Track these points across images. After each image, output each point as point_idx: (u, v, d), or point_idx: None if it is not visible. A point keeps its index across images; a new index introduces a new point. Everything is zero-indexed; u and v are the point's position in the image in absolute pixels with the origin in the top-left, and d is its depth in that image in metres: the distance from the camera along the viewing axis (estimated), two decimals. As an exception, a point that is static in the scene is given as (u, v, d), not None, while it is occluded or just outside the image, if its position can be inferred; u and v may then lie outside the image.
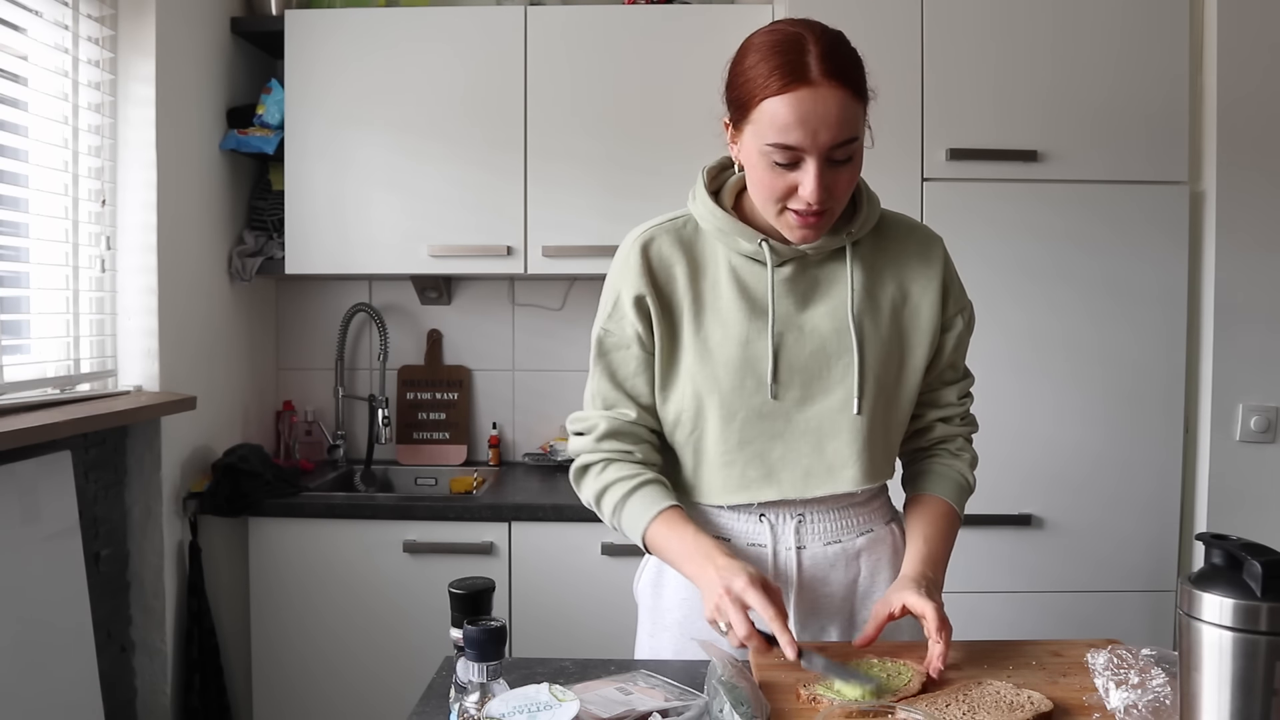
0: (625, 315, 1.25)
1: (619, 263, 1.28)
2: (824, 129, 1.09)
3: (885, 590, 1.26)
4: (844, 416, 1.23)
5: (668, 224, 1.28)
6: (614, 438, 1.26)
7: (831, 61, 1.09)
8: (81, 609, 1.90)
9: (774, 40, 1.12)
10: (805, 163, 1.11)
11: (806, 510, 1.27)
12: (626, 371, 1.27)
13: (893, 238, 1.29)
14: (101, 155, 2.17)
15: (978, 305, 1.25)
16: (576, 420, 1.31)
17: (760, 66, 1.11)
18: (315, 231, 2.51)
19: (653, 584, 1.35)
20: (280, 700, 2.34)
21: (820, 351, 1.23)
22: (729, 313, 1.23)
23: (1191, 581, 0.87)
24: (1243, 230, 2.18)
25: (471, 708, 0.85)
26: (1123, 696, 0.97)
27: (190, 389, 2.30)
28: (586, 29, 2.47)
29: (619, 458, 1.26)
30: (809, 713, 1.00)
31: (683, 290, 1.24)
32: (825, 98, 1.08)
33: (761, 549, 1.26)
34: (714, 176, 1.28)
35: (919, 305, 1.27)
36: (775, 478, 1.24)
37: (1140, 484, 2.23)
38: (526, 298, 2.86)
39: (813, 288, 1.24)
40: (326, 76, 2.49)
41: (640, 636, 1.37)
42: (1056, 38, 2.21)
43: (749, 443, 1.23)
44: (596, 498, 1.27)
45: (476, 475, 2.63)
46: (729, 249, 1.25)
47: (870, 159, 1.20)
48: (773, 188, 1.14)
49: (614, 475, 1.25)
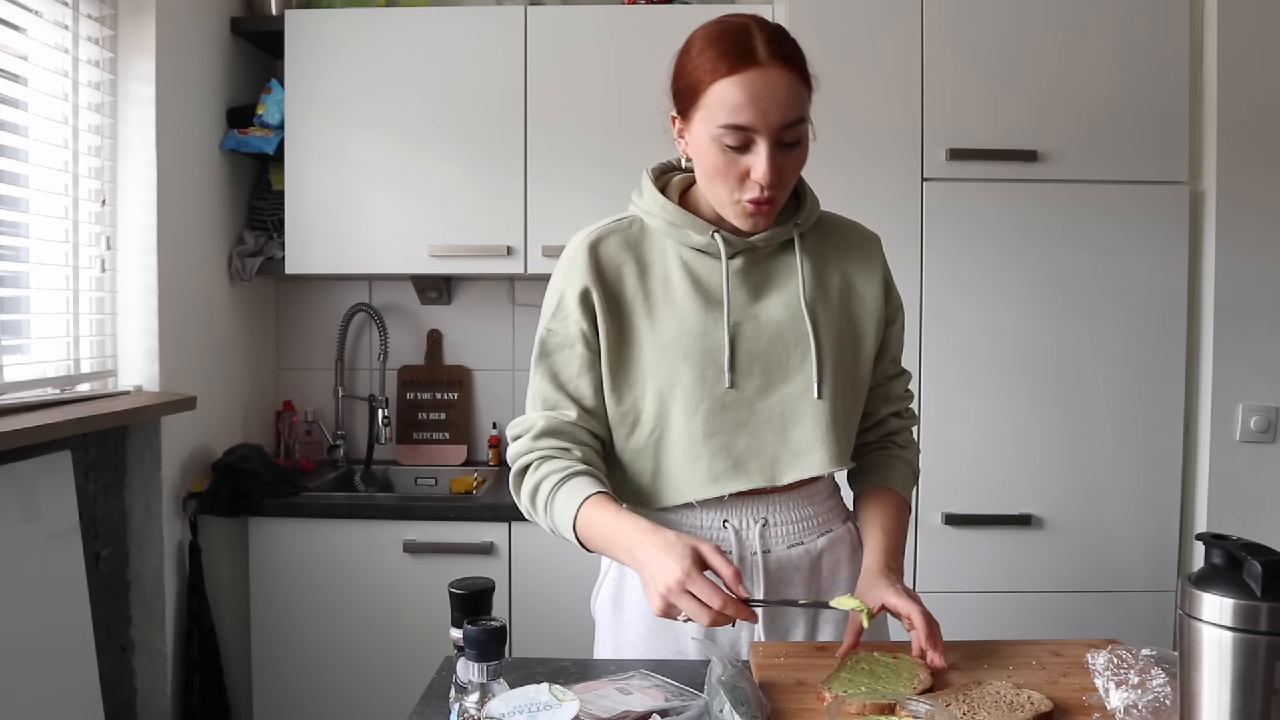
0: (569, 313, 1.24)
1: (564, 263, 1.27)
2: (774, 109, 1.11)
3: (846, 589, 1.28)
4: (805, 402, 1.23)
5: (613, 225, 1.29)
6: (551, 435, 1.22)
7: (778, 44, 1.13)
8: (81, 609, 1.90)
9: (719, 29, 1.15)
10: (756, 144, 1.13)
11: (770, 513, 1.26)
12: (569, 372, 1.25)
13: (834, 233, 1.32)
14: (101, 155, 2.17)
15: (977, 304, 1.26)
16: (515, 425, 1.26)
17: (708, 53, 1.13)
18: (315, 231, 2.52)
19: (612, 599, 1.32)
20: (280, 700, 2.34)
21: (778, 339, 1.24)
22: (683, 306, 1.23)
23: (1191, 581, 0.87)
24: (1243, 230, 2.19)
25: (471, 708, 0.85)
26: (1123, 696, 0.97)
27: (190, 389, 2.30)
28: (586, 29, 2.47)
29: (555, 454, 1.21)
30: (810, 713, 1.00)
31: (633, 289, 1.24)
32: (774, 78, 1.11)
33: (727, 555, 1.25)
34: (658, 177, 1.30)
35: (864, 296, 1.30)
36: (743, 467, 1.23)
37: (1140, 484, 2.23)
38: (526, 298, 2.86)
39: (764, 279, 1.26)
40: (327, 76, 2.49)
41: (600, 652, 1.33)
42: (1056, 38, 2.21)
43: (714, 434, 1.23)
44: (531, 496, 1.21)
45: (476, 475, 2.64)
46: (679, 243, 1.26)
47: (870, 159, 1.21)
48: (725, 173, 1.16)
49: (545, 470, 1.20)
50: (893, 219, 2.18)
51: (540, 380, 1.26)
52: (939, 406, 2.21)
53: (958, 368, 2.22)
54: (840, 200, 1.38)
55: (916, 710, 0.91)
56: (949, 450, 2.20)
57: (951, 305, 2.22)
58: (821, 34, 2.20)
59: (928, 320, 2.22)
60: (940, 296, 2.22)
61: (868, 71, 2.21)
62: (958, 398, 2.22)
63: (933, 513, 2.22)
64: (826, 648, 1.18)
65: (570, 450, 1.22)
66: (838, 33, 2.21)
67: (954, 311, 2.22)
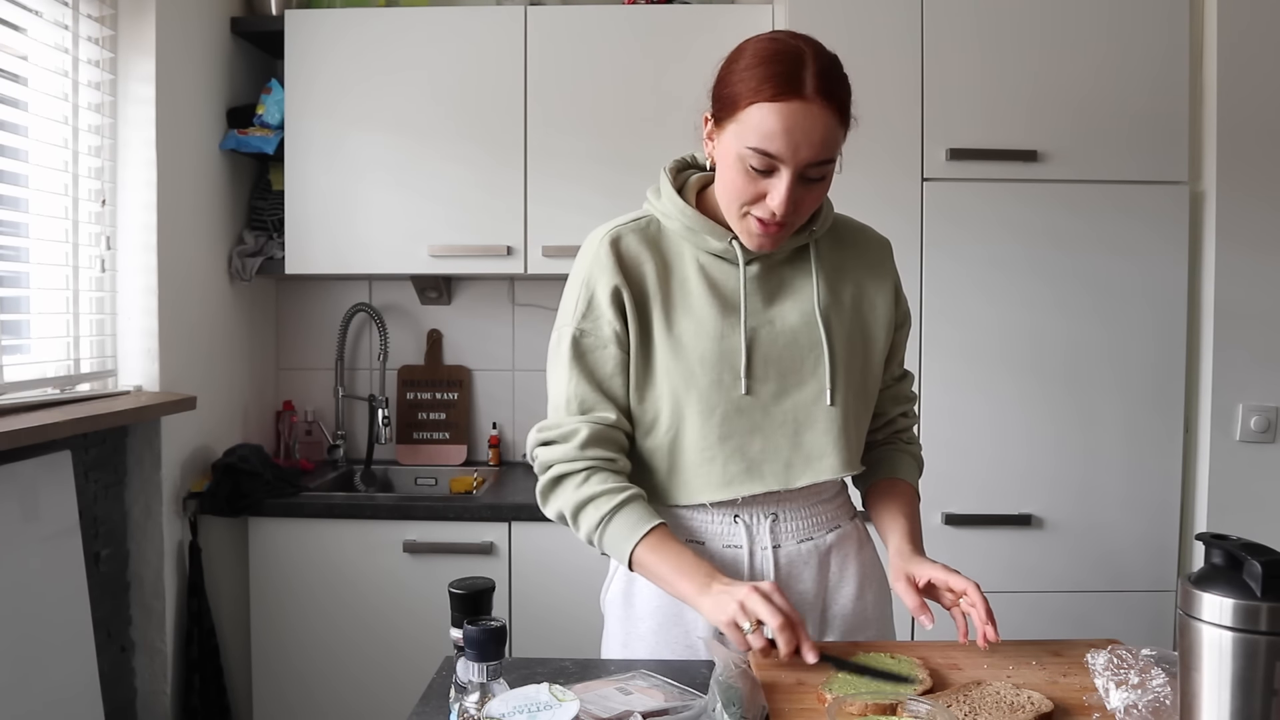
0: (602, 313, 1.23)
1: (588, 260, 1.26)
2: (806, 145, 1.11)
3: (855, 585, 1.29)
4: (819, 408, 1.24)
5: (631, 223, 1.28)
6: (597, 444, 1.22)
7: (827, 81, 1.11)
8: (81, 609, 1.90)
9: (774, 49, 1.13)
10: (779, 173, 1.13)
11: (780, 509, 1.27)
12: (605, 372, 1.24)
13: (848, 239, 1.33)
14: (101, 155, 2.17)
15: (978, 304, 1.26)
16: (547, 429, 1.25)
17: (756, 70, 1.11)
18: (315, 231, 2.52)
19: (623, 594, 1.32)
20: (280, 700, 2.34)
21: (793, 345, 1.24)
22: (701, 309, 1.23)
23: (1191, 581, 0.87)
24: (1243, 230, 2.18)
25: (471, 708, 0.85)
26: (1123, 696, 0.97)
27: (190, 389, 2.30)
28: (586, 29, 2.47)
29: (603, 466, 1.22)
30: (810, 713, 1.00)
31: (653, 287, 1.24)
32: (814, 115, 1.10)
33: (738, 550, 1.26)
34: (674, 175, 1.29)
35: (875, 301, 1.31)
36: (757, 471, 1.24)
37: (1140, 484, 2.23)
38: (526, 298, 2.86)
39: (779, 285, 1.27)
40: (326, 76, 2.49)
41: (610, 647, 1.34)
42: (1056, 38, 2.20)
43: (728, 438, 1.23)
44: (575, 510, 1.22)
45: (476, 475, 2.64)
46: (696, 247, 1.26)
47: (870, 159, 1.21)
48: (742, 191, 1.16)
49: (597, 488, 1.20)
50: (893, 219, 2.17)
51: (575, 382, 1.24)
52: (939, 406, 2.21)
53: (958, 368, 2.22)
54: (840, 200, 1.37)
55: (917, 710, 0.91)
56: (949, 450, 2.19)
57: (951, 305, 2.22)
58: (821, 34, 2.18)
59: (928, 320, 2.22)
60: (940, 297, 2.22)
61: (868, 71, 2.19)
62: (958, 398, 2.22)
63: (933, 512, 2.22)
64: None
65: (615, 461, 1.23)
66: (838, 32, 2.18)
67: (954, 312, 2.22)
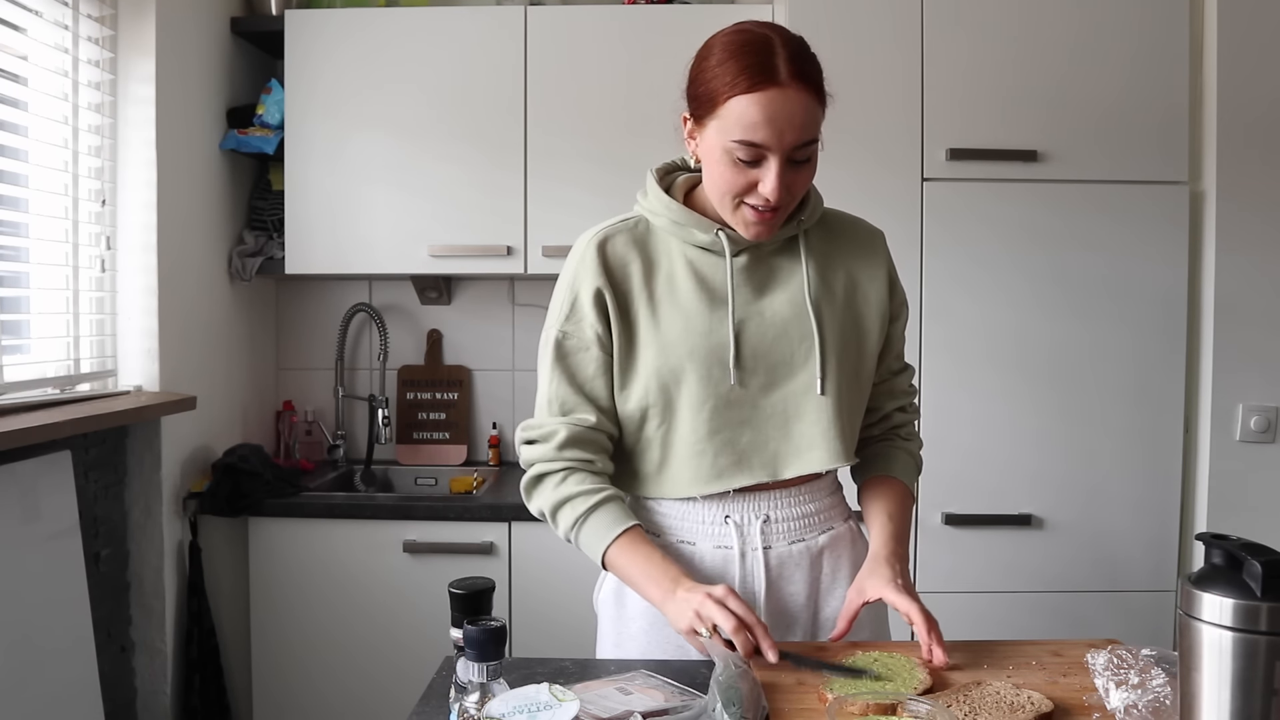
0: (584, 315, 1.25)
1: (573, 263, 1.28)
2: (789, 129, 1.12)
3: (847, 587, 1.28)
4: (809, 399, 1.24)
5: (620, 225, 1.30)
6: (575, 445, 1.24)
7: (799, 63, 1.12)
8: (81, 609, 1.90)
9: (742, 40, 1.14)
10: (768, 161, 1.14)
11: (771, 510, 1.27)
12: (586, 374, 1.26)
13: (838, 230, 1.33)
14: (101, 155, 2.17)
15: (977, 304, 1.26)
16: (530, 428, 1.28)
17: (729, 64, 1.13)
18: (315, 231, 2.51)
19: (615, 594, 1.33)
20: (280, 700, 2.34)
21: (783, 336, 1.24)
22: (689, 304, 1.24)
23: (1191, 581, 0.87)
24: (1243, 230, 2.18)
25: (471, 708, 0.85)
26: (1123, 696, 0.97)
27: (190, 389, 2.30)
28: (586, 29, 2.47)
29: (580, 467, 1.24)
30: (810, 713, 1.00)
31: (638, 287, 1.25)
32: (792, 99, 1.11)
33: (728, 550, 1.26)
34: (662, 177, 1.31)
35: (868, 293, 1.30)
36: (746, 463, 1.25)
37: (1141, 484, 2.23)
38: (526, 298, 2.86)
39: (769, 276, 1.27)
40: (326, 76, 2.49)
41: (603, 647, 1.35)
42: (1056, 38, 2.20)
43: (718, 431, 1.24)
44: (554, 509, 1.25)
45: (476, 475, 2.64)
46: (684, 242, 1.26)
47: (870, 159, 1.21)
48: (733, 183, 1.16)
49: (574, 489, 1.23)
50: (893, 219, 2.17)
51: (556, 383, 1.26)
52: (939, 406, 2.21)
53: (958, 367, 2.22)
54: (840, 200, 1.38)
55: (917, 710, 0.91)
56: (949, 450, 2.19)
57: (951, 305, 2.22)
58: (822, 33, 2.16)
59: (928, 320, 2.22)
60: (940, 296, 2.22)
61: (868, 71, 2.21)
62: (958, 397, 2.22)
63: (932, 512, 2.22)
64: (827, 648, 1.19)
65: (593, 463, 1.25)
66: (838, 32, 2.21)
67: (954, 311, 2.22)
